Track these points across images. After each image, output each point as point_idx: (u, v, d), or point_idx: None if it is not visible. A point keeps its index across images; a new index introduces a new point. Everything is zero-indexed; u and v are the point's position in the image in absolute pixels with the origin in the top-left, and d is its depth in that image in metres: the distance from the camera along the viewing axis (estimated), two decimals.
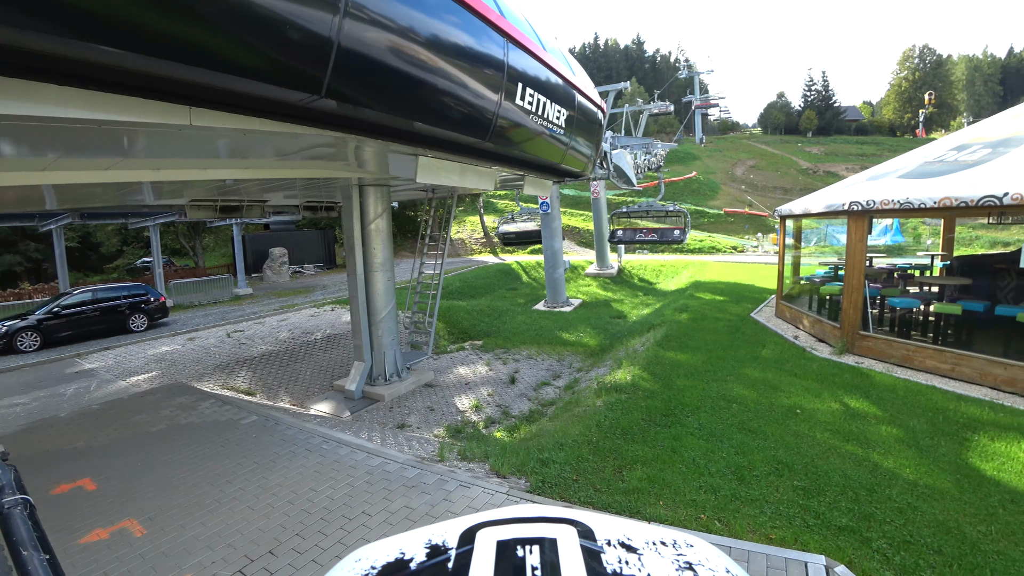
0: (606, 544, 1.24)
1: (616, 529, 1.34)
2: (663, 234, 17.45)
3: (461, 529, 1.33)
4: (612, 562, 1.18)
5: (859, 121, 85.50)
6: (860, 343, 9.24)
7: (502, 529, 1.28)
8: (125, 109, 2.81)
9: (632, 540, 1.29)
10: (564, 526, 1.29)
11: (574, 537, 1.23)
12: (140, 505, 5.58)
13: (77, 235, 31.91)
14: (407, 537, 1.37)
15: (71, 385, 11.00)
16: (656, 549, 1.27)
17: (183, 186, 7.91)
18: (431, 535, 1.34)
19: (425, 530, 1.39)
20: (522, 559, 1.14)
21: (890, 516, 4.52)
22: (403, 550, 1.28)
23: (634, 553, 1.22)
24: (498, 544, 1.20)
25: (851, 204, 9.06)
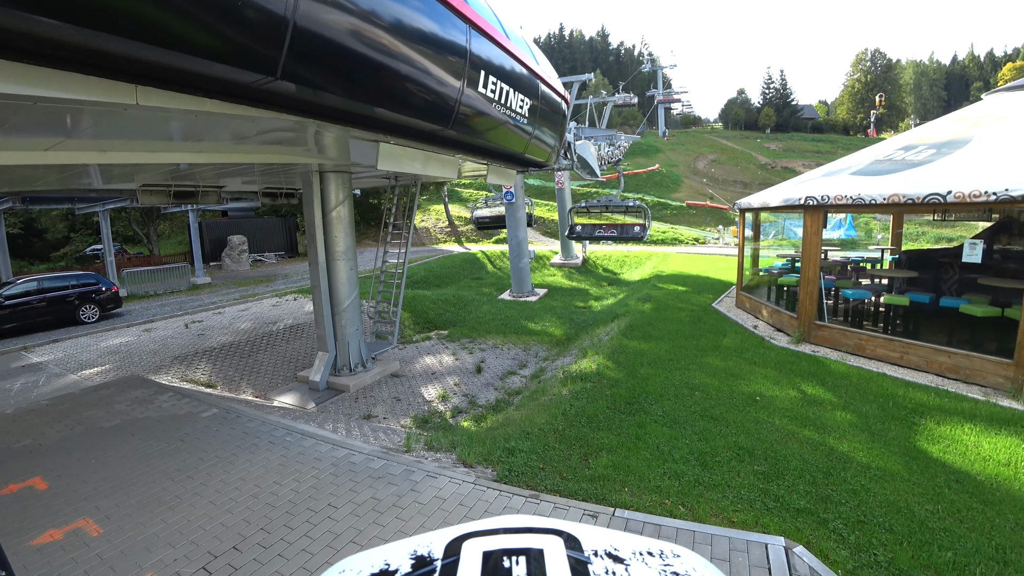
0: (593, 555, 1.23)
1: (603, 539, 1.33)
2: (623, 230, 16.90)
3: (447, 540, 1.30)
4: (599, 573, 1.17)
5: (815, 119, 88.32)
6: (816, 332, 9.55)
7: (488, 540, 1.25)
8: (64, 85, 2.63)
9: (619, 550, 1.28)
10: (551, 536, 1.27)
11: (561, 548, 1.21)
12: (95, 503, 5.37)
13: (19, 220, 30.31)
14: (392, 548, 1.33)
15: (17, 380, 10.47)
16: (643, 559, 1.26)
17: (133, 169, 7.55)
18: (416, 546, 1.32)
19: (410, 541, 1.36)
20: (508, 570, 1.12)
21: (845, 498, 4.70)
22: (388, 561, 1.25)
23: (621, 564, 1.22)
24: (484, 555, 1.18)
25: (807, 199, 9.32)
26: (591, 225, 18.04)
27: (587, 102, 30.18)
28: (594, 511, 4.66)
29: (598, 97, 30.25)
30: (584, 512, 4.64)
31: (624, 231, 16.80)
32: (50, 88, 2.60)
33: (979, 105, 10.93)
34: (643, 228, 16.44)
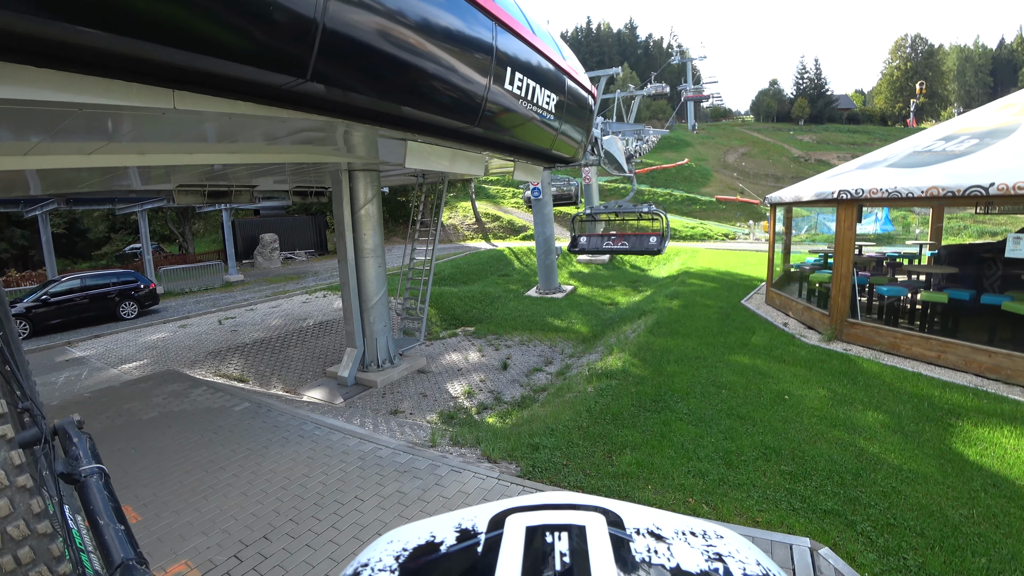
0: (635, 533, 1.24)
1: (645, 518, 1.34)
2: (636, 242, 14.22)
3: (491, 514, 1.33)
4: (641, 551, 1.18)
5: (851, 110, 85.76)
6: (848, 330, 9.33)
7: (531, 515, 1.27)
8: (107, 92, 2.76)
9: (661, 529, 1.29)
10: (593, 514, 1.28)
11: (603, 525, 1.22)
12: (135, 492, 5.58)
13: (63, 221, 31.49)
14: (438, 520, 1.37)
15: (62, 373, 10.93)
16: (685, 539, 1.27)
17: (170, 171, 7.80)
18: (461, 519, 1.35)
19: (456, 514, 1.40)
20: (551, 545, 1.14)
21: (874, 500, 4.60)
22: (434, 533, 1.29)
23: (663, 542, 1.22)
24: (527, 530, 1.20)
25: (840, 193, 9.10)
26: (598, 237, 15.36)
27: (615, 96, 29.94)
28: None
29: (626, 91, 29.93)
30: None
31: (638, 243, 14.25)
32: (94, 95, 2.73)
33: None
34: (660, 238, 13.74)
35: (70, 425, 1.51)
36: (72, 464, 1.35)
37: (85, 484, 1.31)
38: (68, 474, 1.32)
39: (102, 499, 1.27)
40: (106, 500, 1.28)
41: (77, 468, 1.34)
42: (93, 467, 1.35)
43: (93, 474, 1.33)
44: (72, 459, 1.37)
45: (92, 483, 1.31)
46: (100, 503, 1.26)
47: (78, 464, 1.35)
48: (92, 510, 1.25)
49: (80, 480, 1.31)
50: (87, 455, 1.39)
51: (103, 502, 1.27)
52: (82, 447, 1.42)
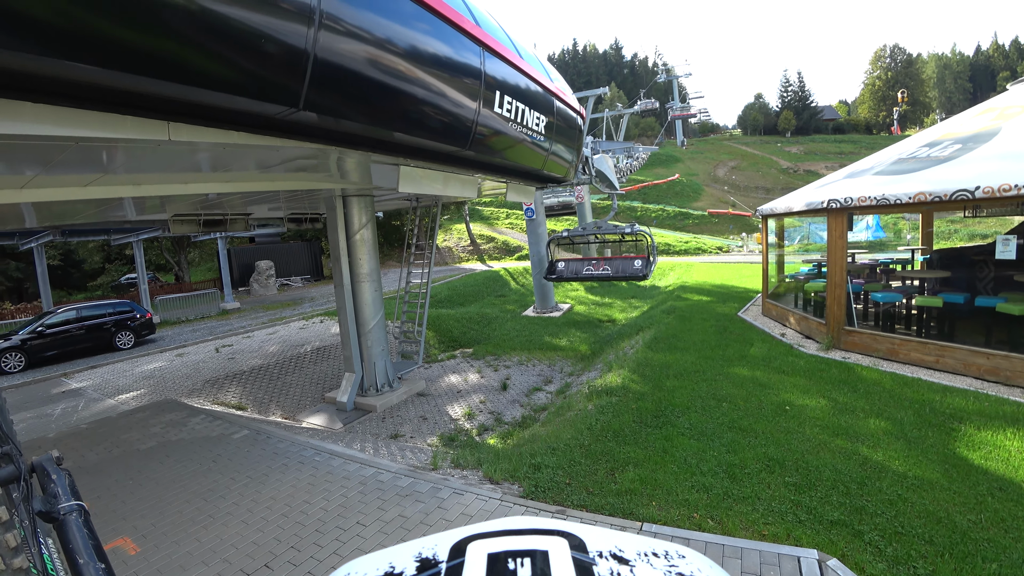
0: (598, 556, 1.24)
1: (608, 540, 1.34)
2: (620, 267, 12.53)
3: (452, 542, 1.31)
4: (604, 574, 1.17)
5: (836, 120, 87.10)
6: (846, 338, 9.36)
7: (493, 542, 1.26)
8: (102, 125, 2.79)
9: (624, 552, 1.28)
10: (555, 538, 1.27)
11: (566, 549, 1.22)
12: (133, 523, 5.51)
13: (59, 252, 31.44)
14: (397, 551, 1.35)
15: (58, 405, 10.83)
16: (648, 560, 1.26)
17: (165, 201, 7.84)
18: (421, 548, 1.33)
19: (415, 543, 1.38)
20: (513, 572, 1.13)
21: (881, 508, 4.57)
22: (393, 564, 1.27)
23: (626, 565, 1.22)
24: (489, 557, 1.18)
25: (830, 202, 9.19)
26: (577, 262, 13.62)
27: (603, 115, 30.36)
28: (621, 525, 4.62)
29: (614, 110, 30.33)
30: (611, 526, 4.60)
31: (621, 267, 12.51)
32: (90, 128, 2.77)
33: (1005, 96, 10.68)
34: (646, 261, 12.20)
35: (48, 462, 1.50)
36: (51, 502, 1.33)
37: (64, 522, 1.29)
38: (46, 512, 1.31)
39: (81, 537, 1.26)
40: (86, 538, 1.26)
41: (56, 506, 1.32)
42: (72, 504, 1.33)
43: (72, 511, 1.31)
44: (51, 496, 1.36)
45: (71, 521, 1.29)
46: (79, 541, 1.24)
47: (57, 502, 1.33)
48: (71, 548, 1.23)
49: (59, 518, 1.30)
50: (66, 492, 1.37)
51: (82, 540, 1.25)
52: (61, 484, 1.40)
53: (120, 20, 2.30)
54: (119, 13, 2.28)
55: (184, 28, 2.48)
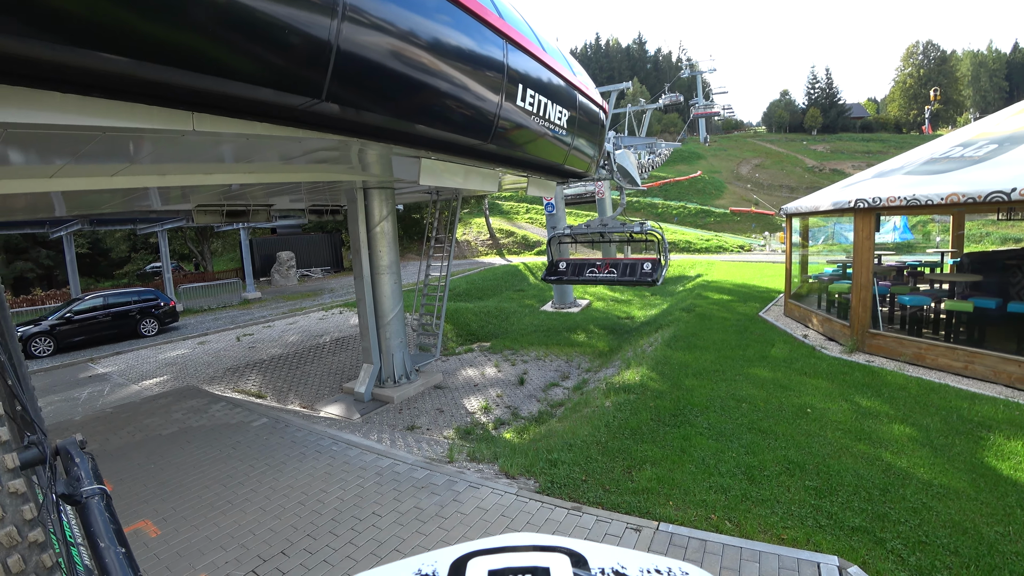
0: (599, 572, 1.22)
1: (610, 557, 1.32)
2: (628, 270, 11.27)
3: (452, 558, 1.30)
4: None
5: (864, 118, 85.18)
6: (870, 341, 9.16)
7: (494, 558, 1.25)
8: (128, 115, 2.82)
9: (626, 568, 1.26)
10: (557, 555, 1.26)
11: (567, 566, 1.20)
12: (154, 507, 5.62)
13: (87, 241, 32.20)
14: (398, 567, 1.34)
15: (85, 389, 11.09)
16: None
17: (189, 191, 7.95)
18: (421, 564, 1.32)
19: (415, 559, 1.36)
20: None
21: (904, 516, 4.46)
22: None
23: None
24: (490, 574, 1.18)
25: (857, 202, 8.99)
26: (581, 263, 12.30)
27: (626, 111, 30.05)
28: (637, 524, 4.58)
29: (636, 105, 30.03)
30: (627, 525, 4.57)
31: (629, 270, 11.23)
32: (116, 119, 2.80)
33: None
34: (657, 266, 10.87)
35: (72, 445, 1.51)
36: (74, 485, 1.35)
37: (86, 505, 1.30)
38: (69, 495, 1.32)
39: (103, 521, 1.27)
40: (107, 522, 1.27)
41: (78, 489, 1.34)
42: (95, 488, 1.35)
43: (94, 495, 1.33)
44: (74, 480, 1.37)
45: (93, 504, 1.30)
46: (101, 525, 1.25)
47: (79, 485, 1.35)
48: (92, 532, 1.24)
49: (81, 501, 1.31)
50: (89, 476, 1.39)
51: (103, 524, 1.26)
52: (84, 468, 1.42)
53: (147, 12, 2.32)
54: (147, 6, 2.29)
55: (209, 19, 2.49)
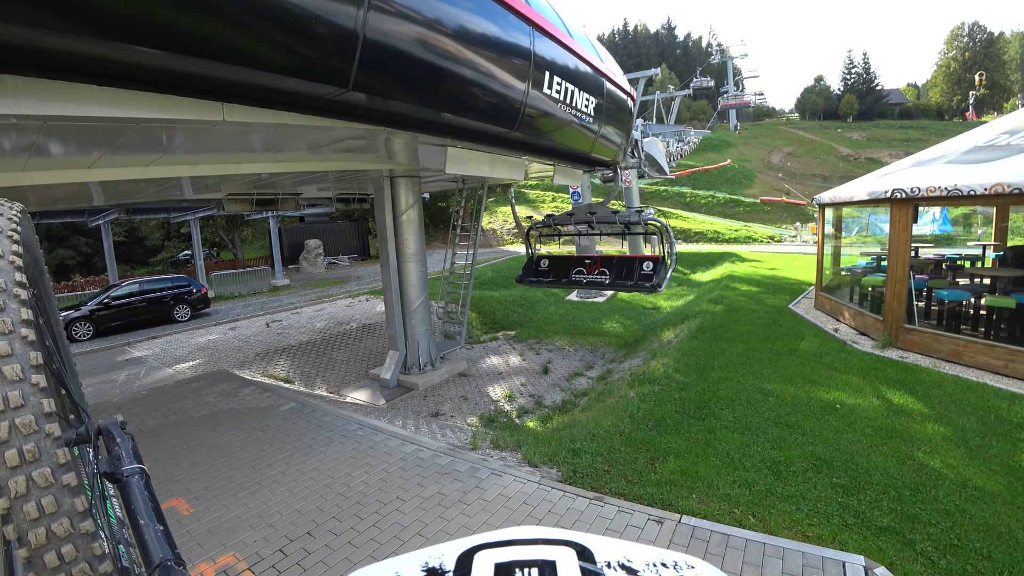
0: (606, 566, 1.22)
1: (616, 550, 1.32)
2: (624, 271, 9.25)
3: (459, 552, 1.31)
4: None
5: (903, 104, 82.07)
6: (905, 337, 8.90)
7: (500, 551, 1.25)
8: (161, 107, 2.89)
9: (632, 562, 1.26)
10: (563, 548, 1.26)
11: (573, 559, 1.20)
12: (187, 486, 5.81)
13: (123, 229, 33.10)
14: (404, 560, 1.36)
15: (122, 372, 11.48)
16: (656, 571, 1.24)
17: (220, 180, 8.10)
18: (428, 557, 1.33)
19: (422, 552, 1.38)
20: None
21: (936, 518, 4.35)
22: (399, 573, 1.28)
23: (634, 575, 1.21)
24: (496, 567, 1.18)
25: (894, 192, 8.70)
26: (567, 261, 10.28)
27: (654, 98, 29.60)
28: (659, 516, 4.56)
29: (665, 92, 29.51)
30: (649, 517, 4.55)
31: (625, 272, 9.21)
32: (150, 110, 2.87)
33: None
34: (659, 266, 8.84)
35: (113, 425, 1.56)
36: (115, 464, 1.39)
37: (127, 484, 1.34)
38: (111, 473, 1.36)
39: (143, 499, 1.31)
40: (146, 500, 1.31)
41: (120, 468, 1.38)
42: (135, 467, 1.39)
43: (135, 474, 1.37)
44: (115, 459, 1.42)
45: (133, 483, 1.34)
46: (141, 503, 1.29)
47: (120, 464, 1.39)
48: (133, 509, 1.28)
49: (122, 479, 1.35)
50: (129, 455, 1.43)
51: (143, 502, 1.30)
52: (124, 447, 1.46)
53: (180, 5, 2.35)
54: None
55: (238, 11, 2.52)
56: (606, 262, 9.60)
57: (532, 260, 10.62)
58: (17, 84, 2.52)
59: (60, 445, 0.92)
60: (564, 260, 10.36)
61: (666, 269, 8.75)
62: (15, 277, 1.00)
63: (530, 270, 10.56)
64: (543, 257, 10.63)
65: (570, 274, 9.96)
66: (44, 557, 0.87)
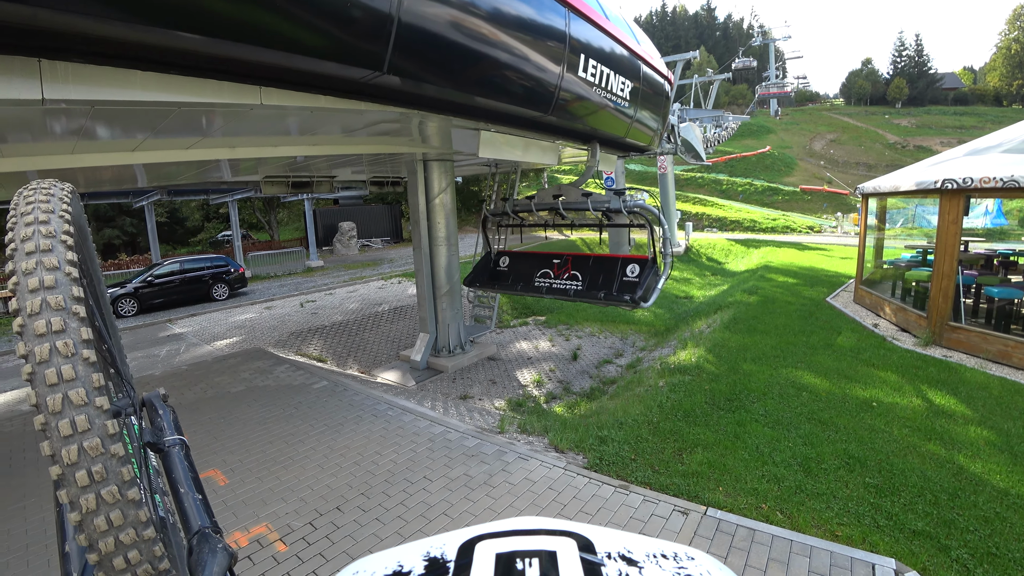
0: (606, 557, 1.22)
1: (616, 542, 1.32)
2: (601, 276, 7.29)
3: (460, 541, 1.32)
4: (612, 575, 1.16)
5: (958, 89, 78.09)
6: (949, 335, 8.56)
7: (501, 542, 1.26)
8: (201, 91, 2.95)
9: (632, 553, 1.26)
10: (564, 539, 1.27)
11: (574, 550, 1.21)
12: (223, 458, 6.02)
13: (165, 210, 34.17)
14: (406, 549, 1.38)
15: (163, 347, 11.92)
16: (657, 562, 1.24)
17: (257, 163, 8.26)
18: (430, 547, 1.35)
19: (424, 542, 1.40)
20: (521, 572, 1.13)
21: (974, 525, 4.20)
22: (401, 563, 1.29)
23: (634, 566, 1.21)
24: (497, 557, 1.19)
25: (945, 182, 8.32)
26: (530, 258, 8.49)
27: (692, 81, 28.88)
28: (685, 508, 4.53)
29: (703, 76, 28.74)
30: (674, 508, 4.53)
31: (603, 279, 7.23)
32: (190, 94, 2.94)
33: None
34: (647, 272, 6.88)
35: (156, 398, 1.62)
36: (157, 434, 1.45)
37: (168, 454, 1.40)
38: (153, 443, 1.42)
39: (183, 469, 1.36)
40: (187, 470, 1.36)
41: (162, 438, 1.44)
42: (176, 438, 1.44)
43: (175, 445, 1.42)
44: (157, 430, 1.47)
45: (175, 453, 1.40)
46: (181, 472, 1.35)
47: (163, 435, 1.45)
48: (174, 479, 1.34)
49: (164, 449, 1.41)
50: (171, 427, 1.49)
51: (184, 472, 1.35)
52: (167, 419, 1.52)
53: None
54: None
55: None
56: (579, 263, 7.57)
57: (489, 258, 8.75)
58: (66, 70, 2.62)
59: (108, 416, 0.97)
60: (528, 259, 8.40)
61: (657, 277, 6.73)
62: (67, 256, 1.04)
63: (483, 271, 8.57)
64: (504, 254, 8.81)
65: (533, 279, 7.90)
66: (94, 521, 0.92)
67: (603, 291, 7.00)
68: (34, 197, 1.16)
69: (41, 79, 2.57)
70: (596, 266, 7.36)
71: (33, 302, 0.97)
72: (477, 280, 8.65)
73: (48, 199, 1.16)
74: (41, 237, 1.05)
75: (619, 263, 7.12)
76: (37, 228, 1.07)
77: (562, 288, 7.49)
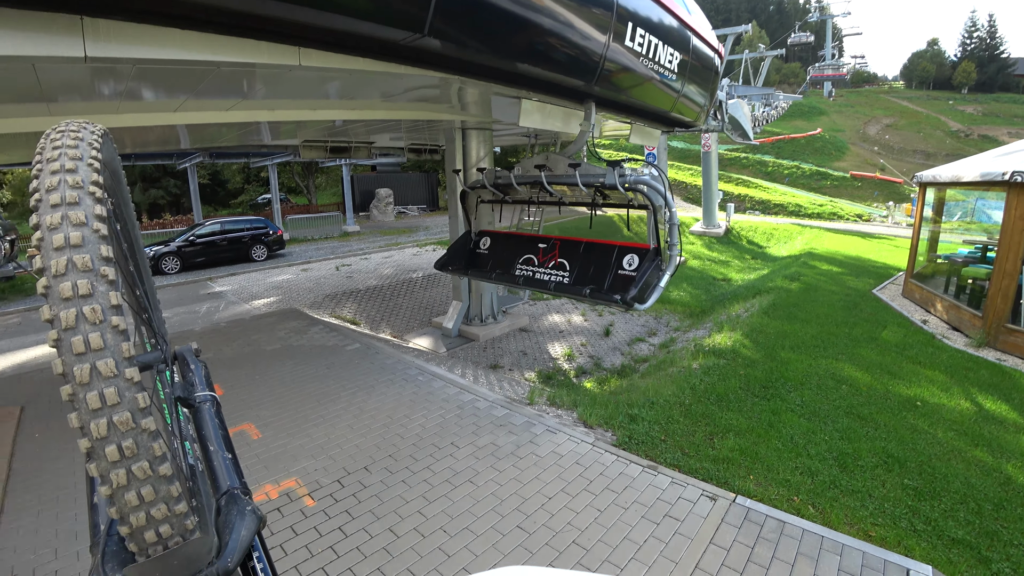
0: None
1: None
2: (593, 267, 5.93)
3: None
4: None
5: None
6: (1005, 337, 8.11)
7: None
8: (240, 51, 2.94)
9: None
10: None
11: None
12: (257, 412, 6.18)
13: (207, 172, 34.96)
14: None
15: (204, 304, 12.27)
16: None
17: (296, 127, 8.28)
18: None
19: None
20: None
21: (1019, 538, 4.00)
22: None
23: None
24: None
25: (1015, 174, 7.78)
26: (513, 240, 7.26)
27: (742, 57, 27.75)
28: (713, 494, 4.45)
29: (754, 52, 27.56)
30: (703, 493, 4.45)
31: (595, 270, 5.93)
32: (229, 54, 2.94)
33: None
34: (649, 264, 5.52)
35: (188, 352, 1.60)
36: (188, 389, 1.43)
37: (198, 409, 1.37)
38: (184, 398, 1.40)
39: (213, 426, 1.33)
40: (216, 428, 1.33)
41: (192, 393, 1.41)
42: (207, 395, 1.42)
43: (206, 401, 1.40)
44: (188, 384, 1.45)
45: (205, 409, 1.37)
46: (211, 430, 1.32)
47: (194, 390, 1.43)
48: (203, 435, 1.31)
49: (194, 405, 1.38)
50: (202, 382, 1.46)
51: (214, 429, 1.33)
52: (198, 374, 1.49)
53: None
54: None
55: None
56: (568, 249, 6.33)
57: (468, 238, 7.55)
58: (108, 28, 2.64)
59: (131, 364, 0.92)
60: (511, 241, 7.17)
61: (659, 272, 5.48)
62: (95, 210, 0.98)
63: (460, 253, 7.36)
64: (486, 234, 7.56)
65: (514, 265, 6.70)
66: (125, 496, 0.90)
67: (591, 286, 5.67)
68: (61, 141, 1.08)
69: (84, 36, 2.59)
70: (587, 254, 6.06)
71: (59, 262, 0.91)
72: (450, 264, 7.38)
73: (76, 144, 1.08)
74: (68, 188, 0.97)
75: (615, 252, 5.83)
76: (63, 178, 0.99)
77: (543, 280, 6.19)
